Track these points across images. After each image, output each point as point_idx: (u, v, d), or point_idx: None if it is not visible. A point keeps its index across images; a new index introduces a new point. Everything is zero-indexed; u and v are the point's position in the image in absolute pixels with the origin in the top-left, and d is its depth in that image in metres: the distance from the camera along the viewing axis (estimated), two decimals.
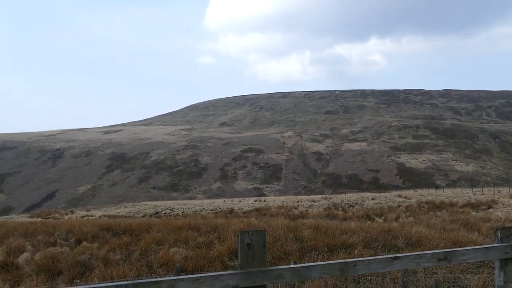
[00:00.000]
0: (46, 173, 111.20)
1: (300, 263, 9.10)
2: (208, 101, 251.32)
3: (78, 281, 6.97)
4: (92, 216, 34.47)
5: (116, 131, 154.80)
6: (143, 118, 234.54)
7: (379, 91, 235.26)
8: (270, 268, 2.53)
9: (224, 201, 51.15)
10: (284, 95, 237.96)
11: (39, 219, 31.25)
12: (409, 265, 3.18)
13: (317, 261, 10.17)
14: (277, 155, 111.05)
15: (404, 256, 3.09)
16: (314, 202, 39.91)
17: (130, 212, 37.99)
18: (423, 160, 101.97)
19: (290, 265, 6.46)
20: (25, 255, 11.62)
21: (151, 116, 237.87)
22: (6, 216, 46.05)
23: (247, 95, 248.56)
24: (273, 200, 46.39)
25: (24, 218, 34.30)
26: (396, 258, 3.03)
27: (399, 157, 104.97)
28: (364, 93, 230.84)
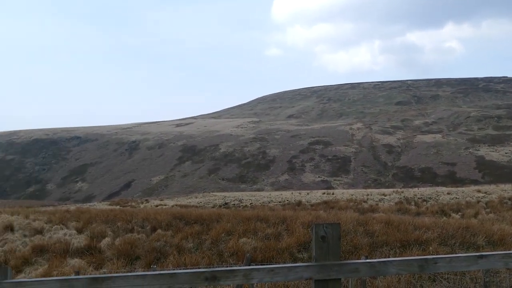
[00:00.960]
0: (124, 164, 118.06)
1: (372, 258, 8.86)
2: (275, 93, 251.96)
3: (155, 266, 7.30)
4: (165, 205, 36.07)
5: (187, 124, 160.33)
6: (212, 111, 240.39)
7: (456, 79, 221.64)
8: (345, 261, 2.47)
9: (292, 193, 51.17)
10: (353, 86, 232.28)
11: (118, 207, 33.23)
12: (496, 265, 2.95)
13: (388, 257, 9.84)
14: (346, 147, 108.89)
15: (491, 255, 2.87)
16: (385, 196, 38.68)
17: (201, 202, 39.24)
18: (506, 153, 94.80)
19: (361, 259, 6.30)
20: (106, 240, 12.41)
21: (220, 109, 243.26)
22: (89, 204, 49.59)
23: (315, 87, 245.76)
24: (341, 193, 45.62)
25: (104, 206, 36.65)
26: (481, 256, 2.82)
27: (478, 150, 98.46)
28: (438, 82, 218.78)
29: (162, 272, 2.38)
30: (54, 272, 8.60)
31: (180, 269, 2.32)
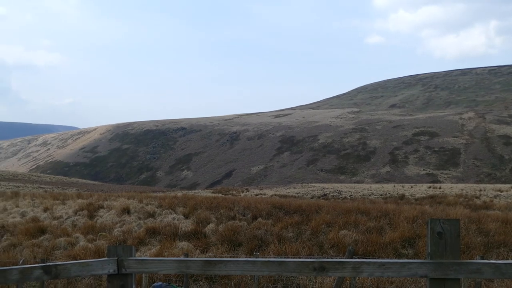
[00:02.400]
0: (225, 154, 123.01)
1: (487, 259, 8.13)
2: (376, 82, 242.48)
3: (258, 253, 7.49)
4: (264, 194, 36.85)
5: (285, 115, 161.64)
6: (311, 102, 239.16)
7: None
8: (466, 261, 2.27)
9: (394, 186, 49.03)
10: (463, 72, 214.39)
11: (220, 194, 34.74)
12: None
13: (507, 259, 8.95)
14: (455, 138, 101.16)
15: None
16: (501, 192, 35.25)
17: (299, 193, 39.39)
18: None
19: (476, 259, 5.80)
20: (211, 225, 13.03)
21: (319, 100, 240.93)
22: (193, 191, 52.60)
23: (419, 74, 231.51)
24: (449, 188, 42.57)
25: (207, 193, 38.54)
26: None
27: None
28: None
29: (271, 259, 2.41)
30: (165, 253, 9.26)
31: (288, 258, 2.33)
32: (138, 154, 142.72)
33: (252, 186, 71.97)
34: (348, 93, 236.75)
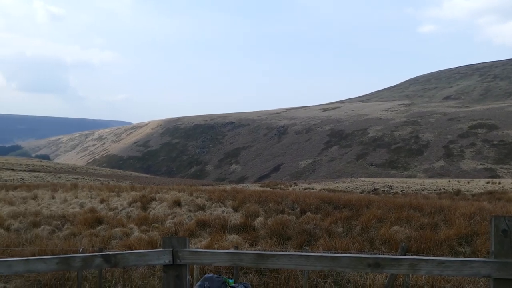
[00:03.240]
0: (273, 148, 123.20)
1: None
2: (429, 73, 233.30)
3: (307, 248, 7.45)
4: (313, 189, 36.59)
5: (334, 108, 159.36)
6: (360, 95, 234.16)
7: None
8: None
9: (449, 181, 47.11)
10: None
11: (268, 188, 34.83)
12: None
13: None
14: None
15: None
16: None
17: (348, 187, 38.78)
18: None
19: None
20: (259, 219, 13.10)
21: (368, 92, 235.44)
22: (242, 184, 53.16)
23: (477, 64, 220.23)
24: (510, 183, 40.32)
25: (255, 187, 38.80)
26: None
27: None
28: None
29: (324, 254, 2.38)
30: (215, 245, 9.42)
31: (339, 253, 2.29)
32: (188, 148, 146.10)
33: (300, 180, 71.70)
34: (399, 85, 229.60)
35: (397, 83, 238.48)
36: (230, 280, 6.65)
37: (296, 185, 43.77)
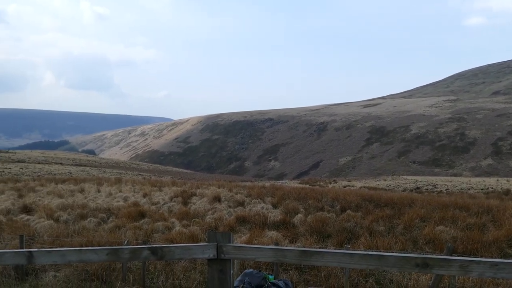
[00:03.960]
0: (312, 145, 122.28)
1: None
2: (476, 67, 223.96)
3: (348, 246, 7.36)
4: (353, 186, 36.05)
5: (375, 105, 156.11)
6: (403, 90, 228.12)
7: None
8: None
9: (497, 180, 45.11)
10: None
11: (307, 185, 34.65)
12: None
13: None
14: None
15: None
16: None
17: (390, 185, 37.93)
18: None
19: None
20: (299, 216, 13.05)
21: (411, 88, 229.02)
22: (281, 181, 53.12)
23: None
24: None
25: (294, 184, 38.67)
26: None
27: None
28: None
29: (369, 252, 2.34)
30: (254, 241, 9.46)
31: (388, 252, 2.24)
32: (227, 145, 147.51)
33: (339, 177, 70.84)
34: (444, 80, 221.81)
35: (441, 78, 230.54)
36: (270, 276, 6.66)
37: (336, 183, 43.28)
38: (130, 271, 7.42)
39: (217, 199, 17.04)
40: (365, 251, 7.51)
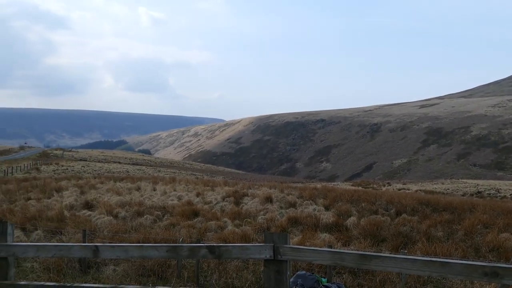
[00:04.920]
0: (365, 146, 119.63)
1: None
2: None
3: (405, 251, 7.12)
4: (408, 189, 34.87)
5: (432, 105, 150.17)
6: (463, 90, 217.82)
7: None
8: None
9: None
10: None
11: (360, 188, 33.91)
12: None
13: None
14: None
15: None
16: None
17: (448, 189, 36.32)
18: None
19: None
20: (352, 219, 12.79)
21: (472, 87, 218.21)
22: (333, 183, 52.40)
23: None
24: None
25: (347, 186, 37.99)
26: None
27: None
28: None
29: (433, 259, 2.24)
30: (307, 243, 9.38)
31: (453, 259, 2.14)
32: (278, 146, 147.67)
33: (394, 180, 68.79)
34: (509, 78, 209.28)
35: (506, 76, 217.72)
36: (323, 279, 6.58)
37: (390, 185, 42.07)
38: (184, 268, 7.60)
39: (268, 199, 17.08)
40: (427, 257, 7.21)
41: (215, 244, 2.67)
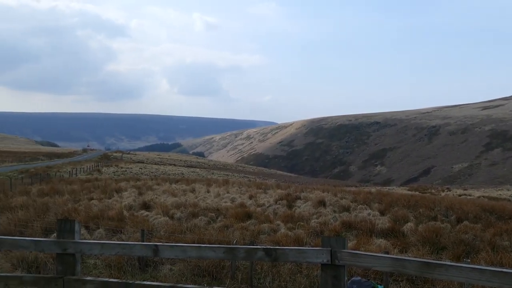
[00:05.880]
0: (422, 150, 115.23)
1: None
2: None
3: (469, 260, 6.77)
4: (469, 195, 33.16)
5: (496, 106, 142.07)
6: None
7: None
8: None
9: None
10: None
11: (417, 192, 32.71)
12: None
13: None
14: None
15: None
16: None
17: None
18: None
19: None
20: (409, 225, 12.35)
21: None
22: (388, 187, 50.90)
23: None
24: None
25: (402, 190, 36.75)
26: None
27: None
28: None
29: (504, 269, 2.10)
30: (361, 248, 9.17)
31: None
32: (331, 149, 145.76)
33: (453, 185, 65.72)
34: None
35: None
36: (379, 286, 6.40)
37: (449, 191, 40.22)
38: (238, 269, 7.67)
39: (321, 203, 16.89)
40: (498, 267, 6.83)
41: (271, 247, 2.67)
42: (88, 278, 3.07)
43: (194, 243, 7.67)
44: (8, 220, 10.76)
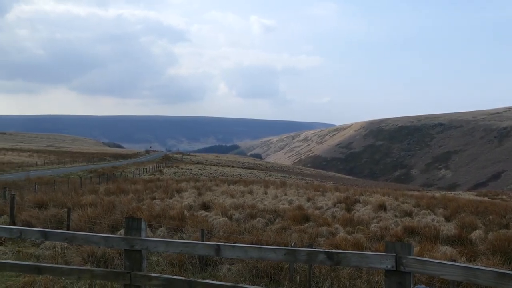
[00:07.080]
0: (491, 153, 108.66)
1: None
2: None
3: None
4: None
5: None
6: None
7: None
8: None
9: None
10: None
11: (486, 198, 30.91)
12: None
13: None
14: None
15: None
16: None
17: None
18: None
19: None
20: (477, 232, 11.68)
21: None
22: (453, 192, 48.46)
23: None
24: None
25: (470, 196, 34.86)
26: None
27: None
28: None
29: None
30: (425, 255, 8.78)
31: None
32: (392, 151, 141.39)
33: None
34: None
35: None
36: None
37: None
38: (296, 272, 7.62)
39: (382, 207, 16.45)
40: None
41: (334, 250, 2.63)
42: (154, 274, 3.19)
43: (252, 244, 7.73)
44: (79, 217, 11.44)
